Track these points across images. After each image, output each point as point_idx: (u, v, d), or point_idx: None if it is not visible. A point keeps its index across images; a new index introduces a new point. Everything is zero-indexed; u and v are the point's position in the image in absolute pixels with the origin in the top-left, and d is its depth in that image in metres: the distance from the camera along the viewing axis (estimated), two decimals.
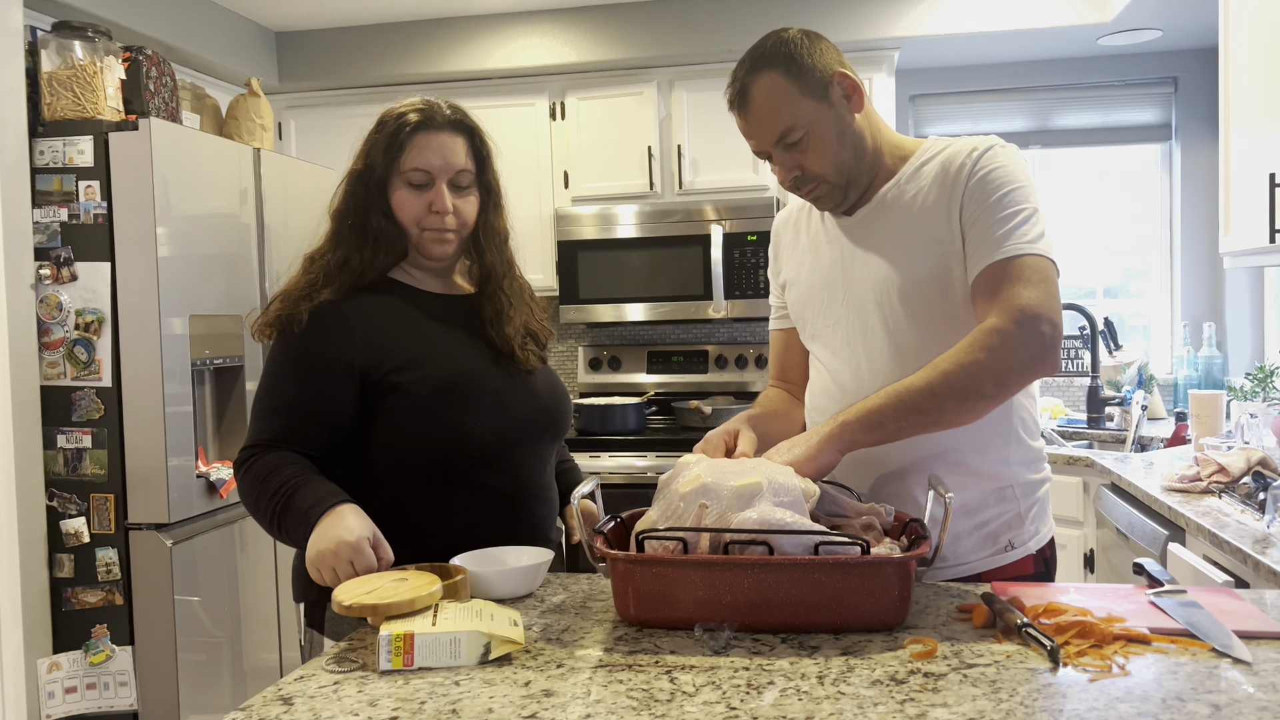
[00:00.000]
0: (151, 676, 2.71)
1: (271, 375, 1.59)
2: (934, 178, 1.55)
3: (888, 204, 1.59)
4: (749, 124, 1.55)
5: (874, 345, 1.58)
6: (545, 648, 1.26)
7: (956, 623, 1.31)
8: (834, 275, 1.64)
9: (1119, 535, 2.71)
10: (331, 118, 4.18)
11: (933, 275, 1.53)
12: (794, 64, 1.51)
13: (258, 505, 1.53)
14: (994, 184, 1.49)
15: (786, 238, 1.77)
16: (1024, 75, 4.15)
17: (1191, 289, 4.06)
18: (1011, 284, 1.44)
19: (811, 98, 1.51)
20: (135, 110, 2.85)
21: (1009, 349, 1.41)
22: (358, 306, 1.59)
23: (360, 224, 1.62)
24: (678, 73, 3.95)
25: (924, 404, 1.42)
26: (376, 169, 1.61)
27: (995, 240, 1.47)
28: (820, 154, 1.53)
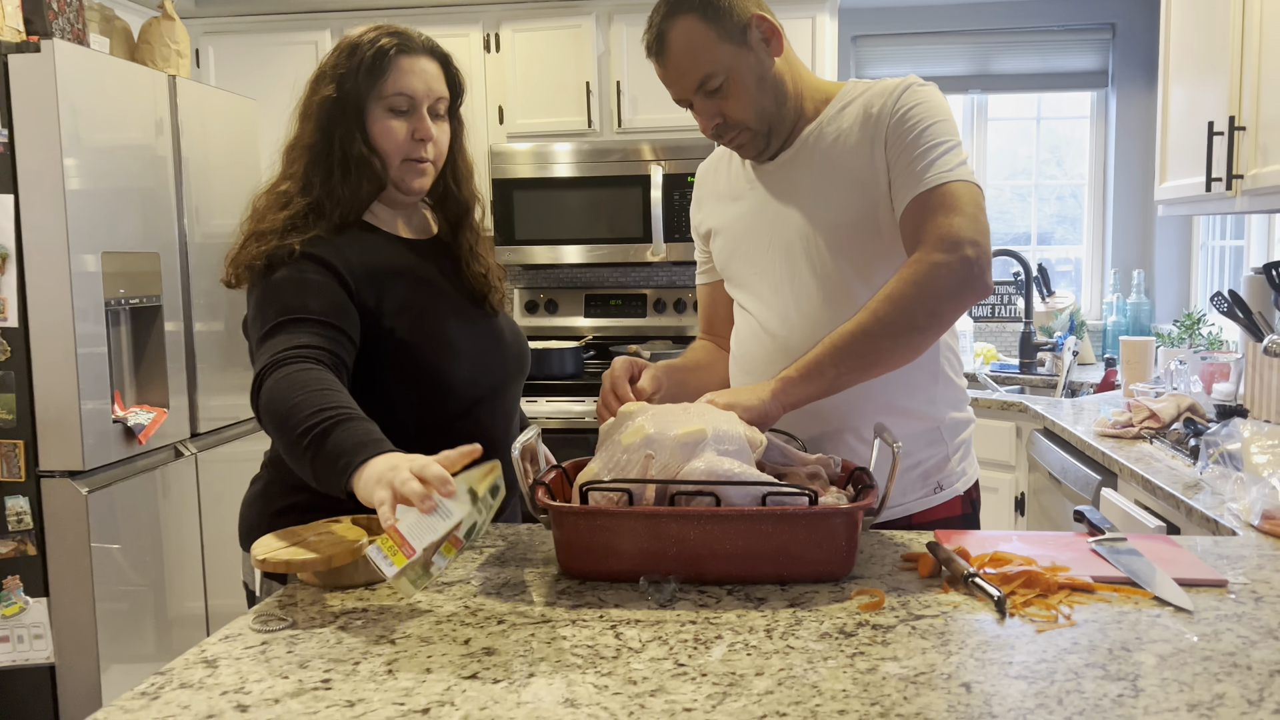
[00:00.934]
0: (69, 628, 2.61)
1: (282, 293, 1.43)
2: (855, 119, 1.53)
3: (810, 148, 1.57)
4: (667, 71, 1.52)
5: (801, 291, 1.56)
6: (485, 603, 1.21)
7: (902, 573, 1.30)
8: (758, 223, 1.61)
9: (1051, 480, 2.76)
10: (253, 45, 3.98)
11: (858, 217, 1.52)
12: (710, 7, 1.48)
13: (285, 433, 1.28)
14: (914, 119, 1.48)
15: (708, 186, 1.75)
16: (966, 18, 4.12)
17: (1122, 236, 4.12)
18: (934, 214, 1.43)
19: (730, 42, 1.49)
20: (37, 31, 2.66)
21: (937, 277, 1.39)
22: (346, 241, 1.51)
23: (344, 152, 1.52)
24: (617, 5, 3.83)
25: (860, 346, 1.40)
26: (353, 95, 1.52)
27: (917, 174, 1.46)
28: (741, 100, 1.51)
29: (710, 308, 1.82)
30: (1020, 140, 4.33)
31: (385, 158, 1.54)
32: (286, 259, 1.46)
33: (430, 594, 1.25)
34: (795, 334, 1.56)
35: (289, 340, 1.37)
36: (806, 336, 1.54)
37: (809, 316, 1.55)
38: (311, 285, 1.44)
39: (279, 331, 1.39)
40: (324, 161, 1.53)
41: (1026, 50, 4.13)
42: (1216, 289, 2.72)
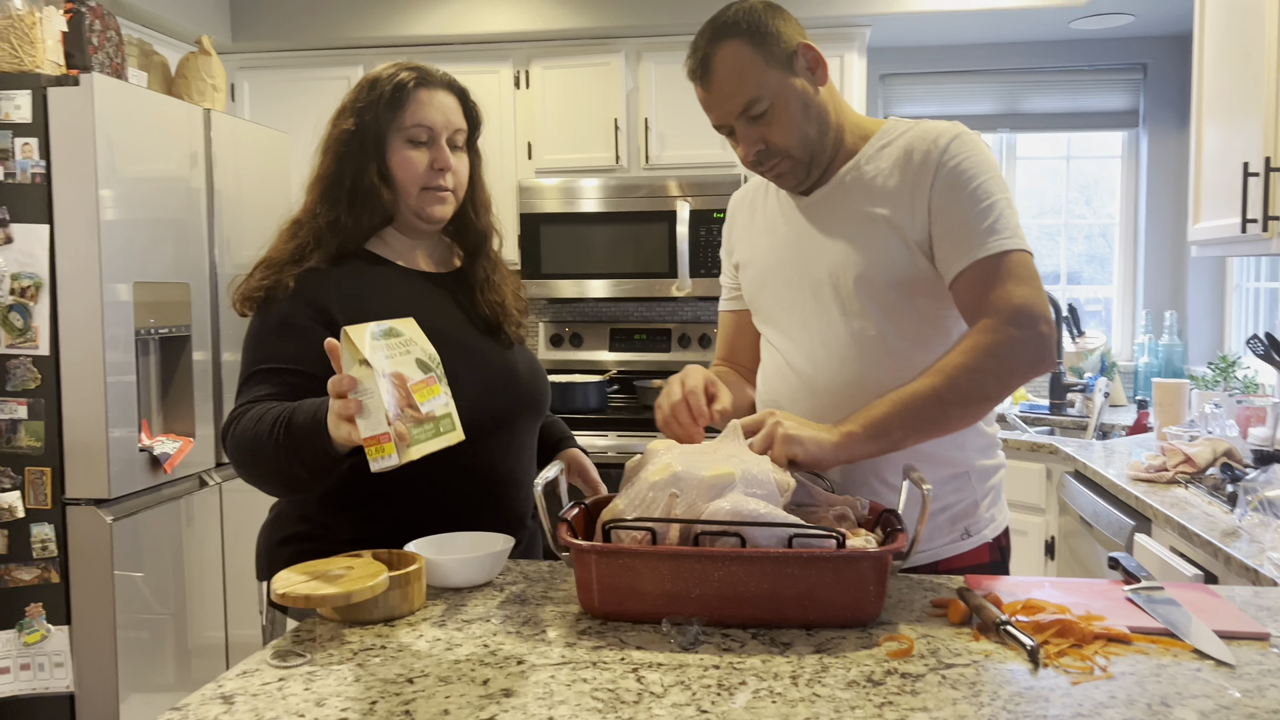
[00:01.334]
0: (89, 657, 2.60)
1: (262, 341, 1.50)
2: (896, 162, 1.51)
3: (846, 186, 1.55)
4: (711, 95, 1.49)
5: (830, 330, 1.54)
6: (505, 643, 1.19)
7: (931, 618, 1.27)
8: (789, 257, 1.59)
9: (1082, 524, 2.71)
10: (287, 80, 4.04)
11: (891, 261, 1.49)
12: (758, 33, 1.46)
13: (259, 449, 1.36)
14: (966, 175, 1.46)
15: (742, 217, 1.73)
16: (995, 57, 4.11)
17: (1154, 276, 4.07)
18: (1002, 283, 1.42)
19: (777, 68, 1.47)
20: (77, 65, 2.71)
21: (1013, 352, 1.40)
22: (344, 273, 1.54)
23: (354, 184, 1.55)
24: (646, 44, 3.85)
25: (931, 412, 1.40)
26: (372, 128, 1.55)
27: (977, 236, 1.43)
28: (785, 127, 1.48)
29: (733, 335, 1.79)
30: (1049, 179, 4.31)
31: (404, 187, 1.57)
32: (281, 294, 1.50)
33: (449, 631, 1.23)
34: (821, 373, 1.54)
35: (251, 394, 1.45)
36: (833, 376, 1.52)
37: (836, 356, 1.53)
38: (290, 330, 1.48)
39: (249, 383, 1.47)
40: (334, 193, 1.56)
41: (1056, 90, 4.12)
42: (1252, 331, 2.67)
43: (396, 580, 1.26)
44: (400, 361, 1.25)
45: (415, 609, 1.30)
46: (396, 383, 1.23)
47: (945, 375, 1.40)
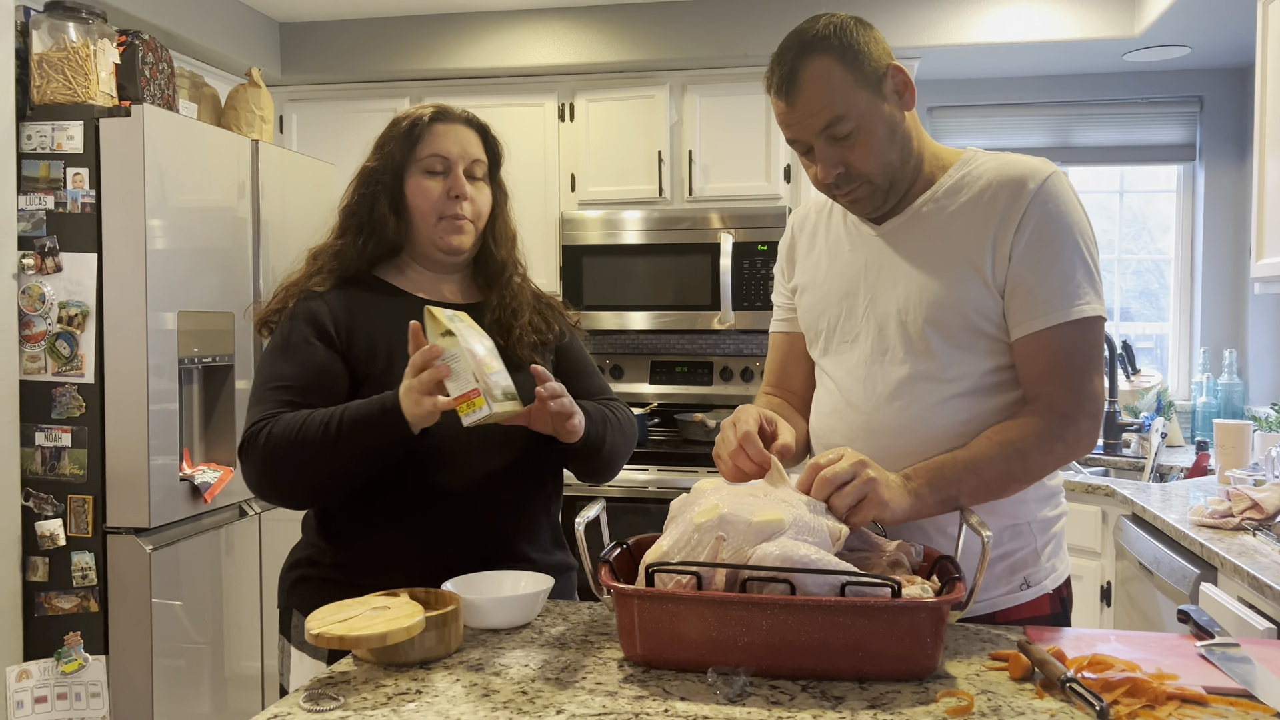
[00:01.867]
0: (125, 687, 2.59)
1: (268, 360, 1.56)
2: (980, 197, 1.44)
3: (923, 217, 1.48)
4: (794, 110, 1.41)
5: (893, 368, 1.47)
6: (544, 689, 1.15)
7: (990, 673, 1.20)
8: (855, 287, 1.52)
9: (1142, 570, 2.60)
10: (334, 112, 4.08)
11: (966, 301, 1.43)
12: (849, 51, 1.39)
13: (306, 446, 1.43)
14: (1056, 224, 1.40)
15: (803, 240, 1.65)
16: (1046, 90, 4.05)
17: (1211, 313, 3.96)
18: (1078, 361, 1.40)
19: (865, 88, 1.39)
20: (129, 96, 2.74)
21: (1080, 444, 1.41)
22: (341, 299, 1.60)
23: (363, 215, 1.62)
24: (691, 76, 3.85)
25: (996, 484, 1.39)
26: (391, 161, 1.61)
27: (1059, 296, 1.39)
28: (868, 150, 1.41)
29: (784, 358, 1.70)
30: (1100, 213, 4.22)
31: (421, 216, 1.60)
32: (284, 316, 1.59)
33: (487, 676, 1.19)
34: (881, 413, 1.47)
35: (262, 411, 1.50)
36: (893, 417, 1.46)
37: (898, 396, 1.47)
38: (292, 348, 1.54)
39: (259, 402, 1.52)
40: (347, 223, 1.63)
41: (1109, 123, 4.04)
42: None
43: (433, 621, 1.23)
44: (470, 339, 1.41)
45: (452, 651, 1.26)
46: (471, 353, 1.39)
47: (1017, 451, 1.38)
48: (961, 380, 1.44)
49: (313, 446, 1.42)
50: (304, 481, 1.48)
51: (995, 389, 1.45)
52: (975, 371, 1.44)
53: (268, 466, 1.47)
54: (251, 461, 1.48)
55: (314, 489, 1.50)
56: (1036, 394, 1.41)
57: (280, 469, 1.46)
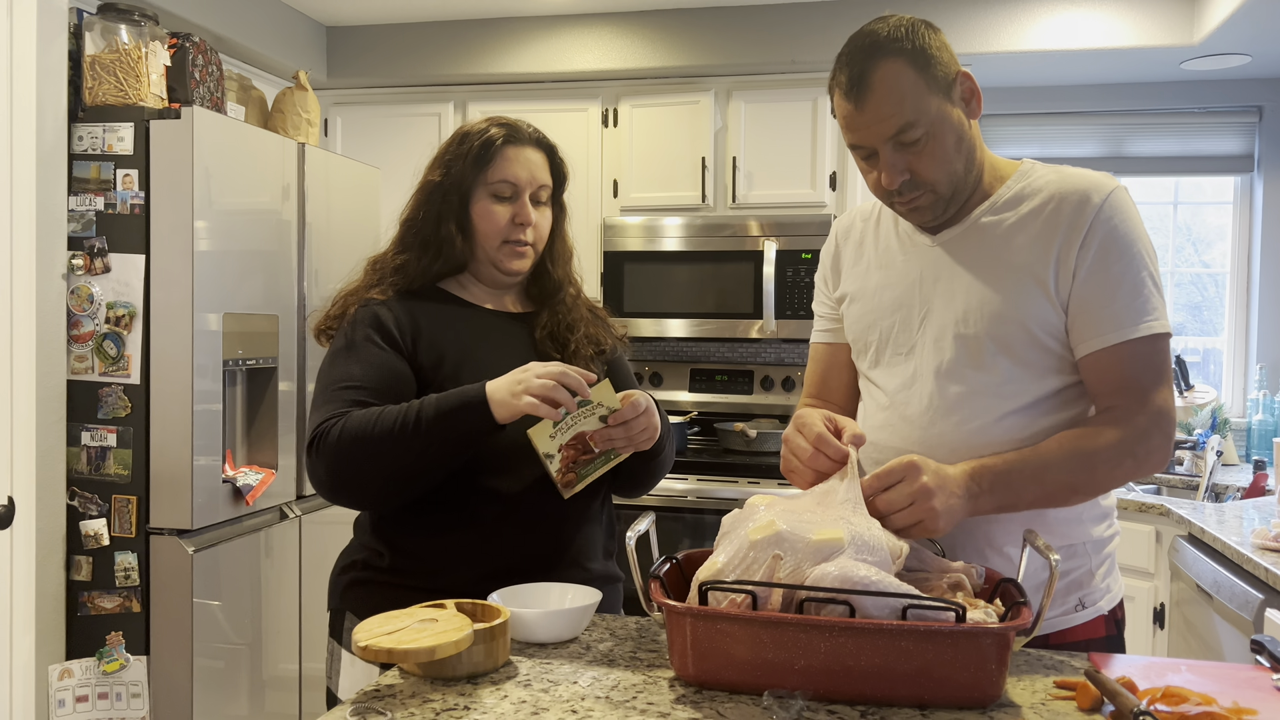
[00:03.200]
0: (165, 688, 2.60)
1: (331, 363, 1.56)
2: (1041, 209, 1.40)
3: (981, 228, 1.44)
4: (863, 114, 1.36)
5: (949, 382, 1.43)
6: (594, 709, 1.12)
7: (1056, 702, 1.15)
8: (910, 299, 1.48)
9: (1199, 592, 2.53)
10: (380, 116, 4.09)
11: (1028, 315, 1.39)
12: (921, 54, 1.35)
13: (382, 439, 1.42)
14: (1122, 240, 1.37)
15: (849, 249, 1.60)
16: (1100, 99, 3.97)
17: (1269, 329, 3.85)
18: (1150, 376, 1.37)
19: (937, 94, 1.36)
20: (179, 98, 2.76)
21: (1150, 458, 1.37)
22: (404, 307, 1.59)
23: (429, 232, 1.62)
24: (736, 82, 3.81)
25: (1061, 495, 1.36)
26: (460, 181, 1.61)
27: (1128, 313, 1.36)
28: (936, 158, 1.37)
29: (825, 370, 1.66)
30: (1154, 225, 4.13)
31: (485, 239, 1.61)
32: (346, 322, 1.58)
33: (535, 693, 1.16)
34: (936, 428, 1.43)
35: (331, 409, 1.49)
36: (949, 433, 1.42)
37: (954, 411, 1.42)
38: (359, 351, 1.54)
39: (329, 401, 1.51)
40: (410, 238, 1.63)
41: (1165, 133, 3.95)
42: None
43: (481, 635, 1.20)
44: (582, 423, 1.46)
45: (499, 665, 1.24)
46: (575, 441, 1.47)
47: (1088, 462, 1.33)
48: (1019, 397, 1.40)
49: (389, 439, 1.41)
50: (376, 477, 1.45)
51: (1053, 407, 1.42)
52: (1034, 388, 1.40)
53: (339, 461, 1.44)
54: (322, 457, 1.46)
55: (385, 486, 1.47)
56: (1109, 406, 1.37)
57: (353, 464, 1.44)
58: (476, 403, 1.40)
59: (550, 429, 1.44)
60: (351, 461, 1.44)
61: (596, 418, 1.46)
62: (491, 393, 1.40)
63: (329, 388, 1.52)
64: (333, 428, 1.45)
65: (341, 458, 1.44)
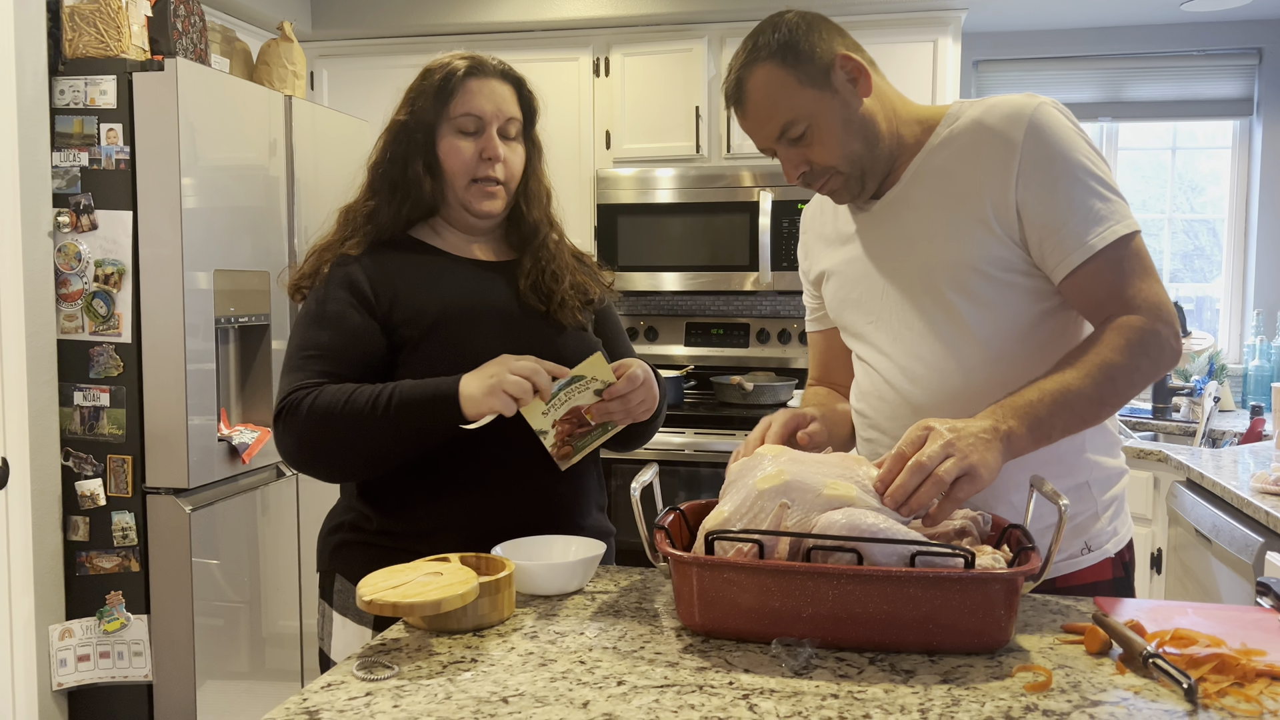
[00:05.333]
0: (167, 645, 2.60)
1: (302, 327, 1.52)
2: (970, 144, 1.40)
3: (919, 181, 1.44)
4: (748, 120, 1.43)
5: (925, 340, 1.44)
6: (602, 659, 1.11)
7: (1064, 646, 1.15)
8: (869, 268, 1.50)
9: (1198, 536, 2.54)
10: (366, 68, 4.02)
11: (978, 252, 1.38)
12: (791, 51, 1.38)
13: (351, 421, 1.39)
14: (1059, 154, 1.34)
15: (814, 229, 1.65)
16: (1097, 42, 3.91)
17: (1266, 274, 3.84)
18: (1134, 276, 1.34)
19: (812, 87, 1.38)
20: (161, 50, 2.70)
21: (1162, 350, 1.34)
22: (379, 263, 1.53)
23: (396, 174, 1.55)
24: (730, 29, 3.74)
25: (1089, 412, 1.32)
26: (423, 117, 1.53)
27: (1089, 224, 1.33)
28: (826, 145, 1.40)
29: (825, 354, 1.70)
30: (1152, 170, 4.09)
31: (452, 178, 1.54)
32: (319, 281, 1.52)
33: (542, 644, 1.16)
34: (921, 388, 1.44)
35: (295, 380, 1.45)
36: (935, 390, 1.43)
37: (936, 368, 1.43)
38: (330, 316, 1.49)
39: (293, 370, 1.47)
40: (378, 182, 1.57)
41: (1163, 76, 3.91)
42: None
43: (487, 588, 1.19)
44: (577, 398, 1.43)
45: (505, 618, 1.23)
46: (570, 417, 1.44)
47: (1106, 374, 1.30)
48: (996, 337, 1.40)
49: (359, 422, 1.38)
50: (344, 457, 1.44)
51: (1031, 335, 1.41)
52: (1007, 324, 1.40)
53: (307, 438, 1.42)
54: (290, 431, 1.43)
55: (351, 465, 1.46)
56: (1106, 317, 1.35)
57: (321, 442, 1.42)
58: (447, 397, 1.37)
59: (543, 406, 1.41)
60: (319, 439, 1.42)
61: (591, 392, 1.43)
62: (464, 389, 1.37)
63: (297, 353, 1.49)
64: (301, 401, 1.42)
65: (309, 434, 1.42)
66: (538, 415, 1.41)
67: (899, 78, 3.65)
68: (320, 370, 1.45)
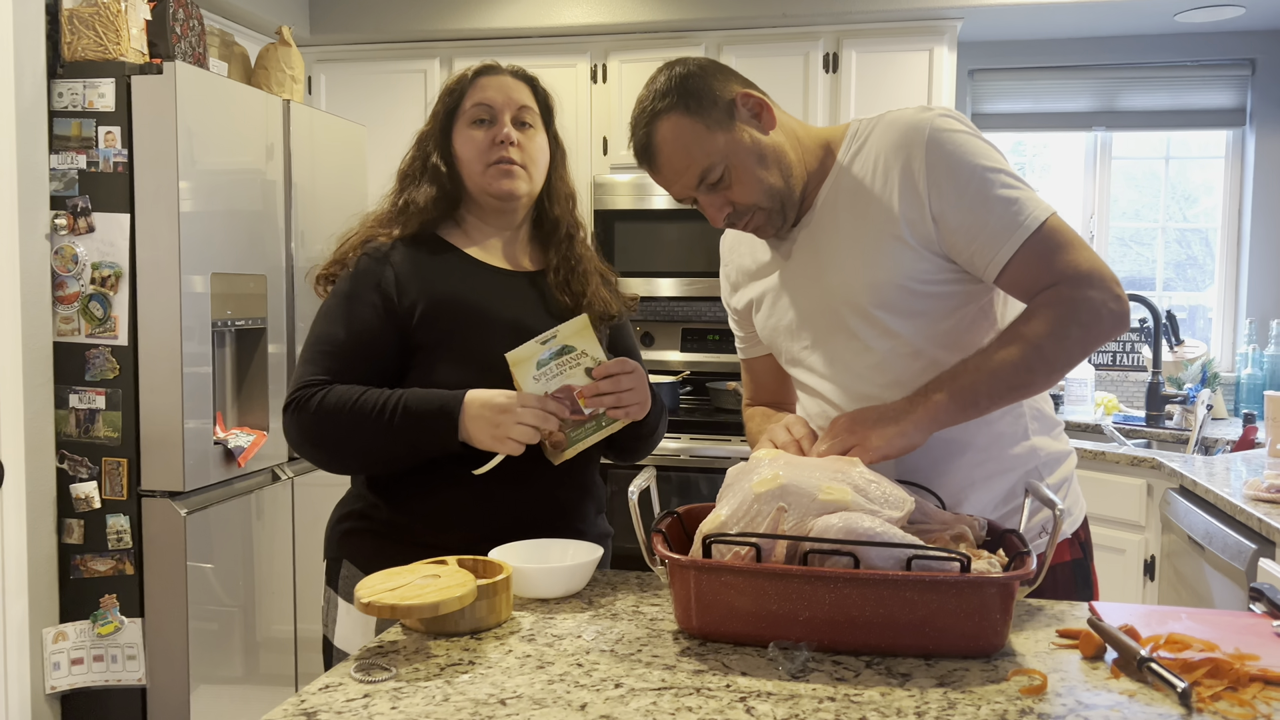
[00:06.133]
0: (161, 649, 2.59)
1: (324, 318, 1.55)
2: (874, 164, 1.41)
3: (831, 205, 1.45)
4: (662, 175, 1.42)
5: (860, 359, 1.45)
6: (599, 661, 1.11)
7: (1060, 650, 1.16)
8: (795, 295, 1.51)
9: (1191, 543, 2.55)
10: (364, 73, 4.02)
11: (899, 267, 1.39)
12: (692, 98, 1.37)
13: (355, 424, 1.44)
14: (962, 164, 1.35)
15: (735, 262, 1.65)
16: (1092, 52, 3.93)
17: (1259, 283, 3.86)
18: (1057, 253, 1.33)
19: (720, 129, 1.38)
20: (160, 53, 2.70)
21: (1096, 314, 1.32)
22: (405, 256, 1.55)
23: (418, 169, 1.61)
24: (727, 36, 3.76)
25: (1019, 379, 1.33)
26: (439, 120, 1.60)
27: (1007, 220, 1.33)
28: (745, 184, 1.40)
29: (761, 376, 1.71)
30: (1145, 180, 4.11)
31: (468, 166, 1.57)
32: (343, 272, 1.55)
33: (539, 647, 1.16)
34: (863, 403, 1.43)
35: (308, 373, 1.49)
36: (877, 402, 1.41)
37: (875, 384, 1.43)
38: (350, 311, 1.51)
39: (309, 360, 1.51)
40: (405, 182, 1.62)
41: (1156, 86, 3.93)
42: None
43: (484, 590, 1.19)
44: (570, 375, 1.44)
45: (502, 621, 1.23)
46: (562, 394, 1.43)
47: (1031, 344, 1.31)
48: (930, 345, 1.41)
49: (362, 426, 1.43)
50: (347, 455, 1.50)
51: (967, 335, 1.42)
52: (939, 331, 1.41)
53: (314, 434, 1.48)
54: (299, 425, 1.48)
55: (354, 462, 1.53)
56: (1038, 297, 1.35)
57: (326, 438, 1.48)
58: (449, 417, 1.41)
59: (534, 371, 1.43)
60: (325, 435, 1.47)
61: (582, 370, 1.44)
62: (470, 430, 1.41)
63: (314, 345, 1.53)
64: (311, 396, 1.46)
65: (316, 429, 1.47)
66: (529, 381, 1.43)
67: (895, 87, 3.69)
68: (330, 367, 1.49)
